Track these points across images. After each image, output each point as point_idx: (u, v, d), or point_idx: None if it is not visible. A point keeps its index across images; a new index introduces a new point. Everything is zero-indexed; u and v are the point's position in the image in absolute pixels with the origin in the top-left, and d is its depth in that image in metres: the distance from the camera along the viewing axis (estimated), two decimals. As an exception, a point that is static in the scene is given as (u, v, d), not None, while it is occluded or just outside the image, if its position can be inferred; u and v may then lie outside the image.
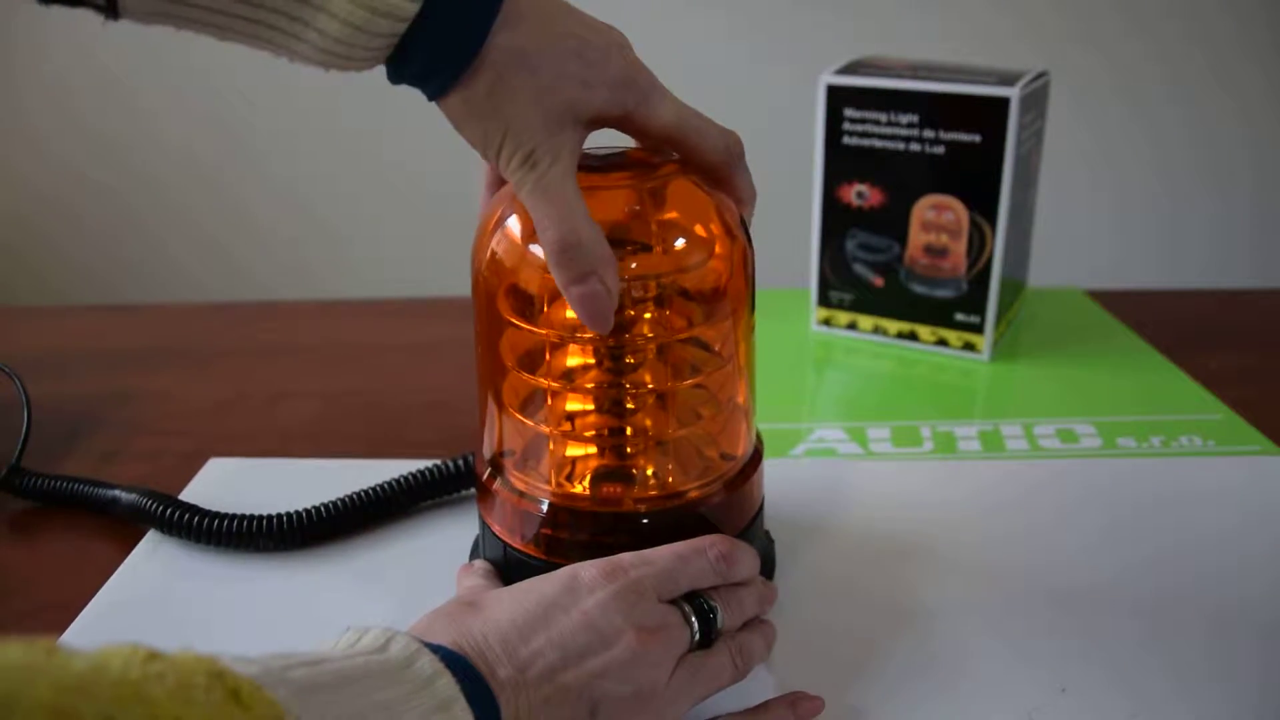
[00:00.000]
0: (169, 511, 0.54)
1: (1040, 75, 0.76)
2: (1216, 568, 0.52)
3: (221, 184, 1.59)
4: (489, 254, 0.45)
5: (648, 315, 0.46)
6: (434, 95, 0.41)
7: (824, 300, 0.82)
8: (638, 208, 0.45)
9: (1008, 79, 0.72)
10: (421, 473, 0.57)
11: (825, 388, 0.78)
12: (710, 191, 0.46)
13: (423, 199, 1.57)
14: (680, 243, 0.46)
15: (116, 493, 0.56)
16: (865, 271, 0.80)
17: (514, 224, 0.45)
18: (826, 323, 0.83)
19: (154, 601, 0.51)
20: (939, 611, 0.49)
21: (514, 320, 0.45)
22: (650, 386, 0.47)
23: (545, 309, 0.46)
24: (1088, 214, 1.52)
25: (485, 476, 0.48)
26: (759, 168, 0.47)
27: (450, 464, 0.58)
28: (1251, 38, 1.45)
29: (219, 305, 0.92)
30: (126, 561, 0.53)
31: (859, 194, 0.78)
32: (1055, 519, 0.57)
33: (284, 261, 1.63)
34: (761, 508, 0.50)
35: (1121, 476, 0.61)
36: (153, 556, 0.54)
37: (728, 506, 0.47)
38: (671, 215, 0.46)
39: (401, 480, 0.57)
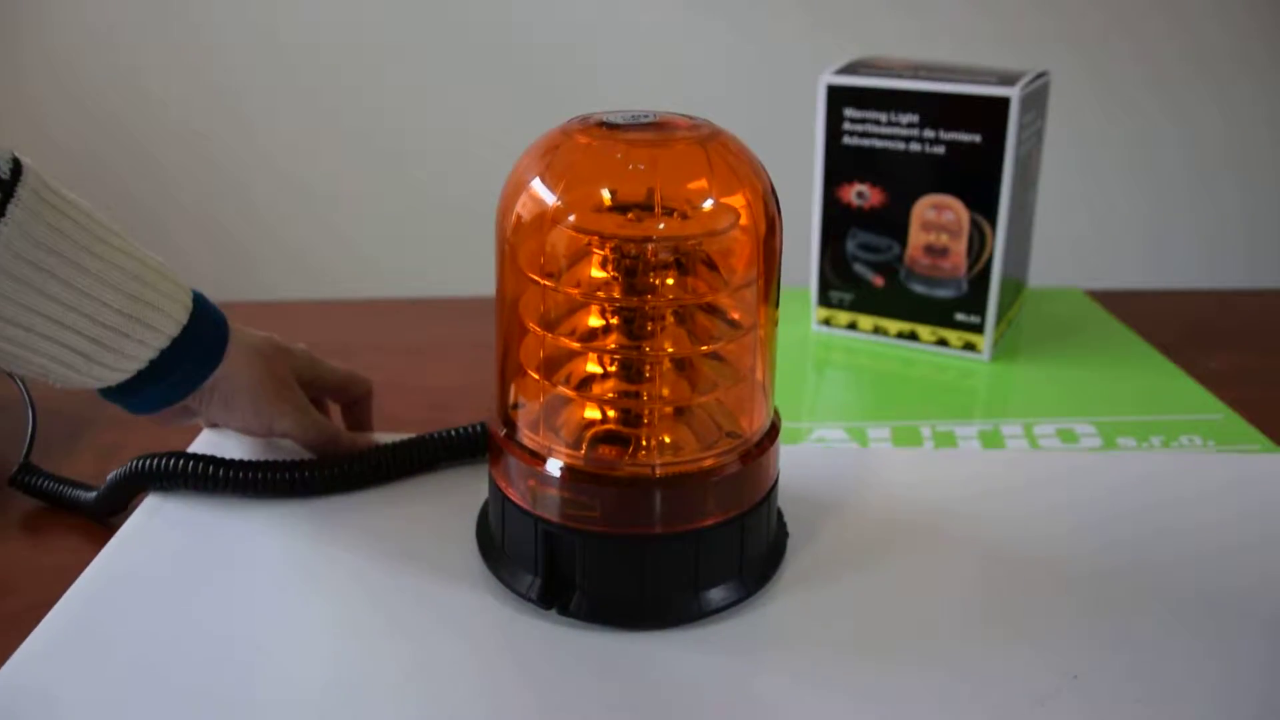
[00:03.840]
0: (178, 463, 0.55)
1: (1040, 75, 0.76)
2: (1222, 561, 0.52)
3: (222, 185, 1.59)
4: (515, 216, 0.46)
5: (670, 280, 0.46)
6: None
7: (824, 300, 0.82)
8: (663, 171, 0.45)
9: (1008, 79, 0.72)
10: (436, 435, 0.58)
11: (825, 388, 0.78)
12: (742, 158, 0.46)
13: (423, 199, 1.57)
14: (706, 208, 0.46)
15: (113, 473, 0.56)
16: (865, 271, 0.80)
17: (539, 186, 0.45)
18: (826, 323, 0.83)
19: (157, 560, 0.51)
20: (950, 596, 0.49)
21: (536, 278, 0.46)
22: (668, 352, 0.47)
23: (568, 269, 0.46)
24: (1088, 214, 1.52)
25: (498, 437, 0.48)
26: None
27: (465, 429, 0.58)
28: (1267, 37, 1.45)
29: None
30: (126, 524, 0.54)
31: (859, 194, 0.78)
32: (1066, 509, 0.57)
33: (284, 260, 1.63)
34: (775, 484, 0.50)
35: (1129, 469, 0.61)
36: (153, 519, 0.54)
37: (741, 479, 0.47)
38: (699, 180, 0.45)
39: (415, 440, 0.58)
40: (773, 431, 0.50)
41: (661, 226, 0.45)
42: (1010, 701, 0.43)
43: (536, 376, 0.47)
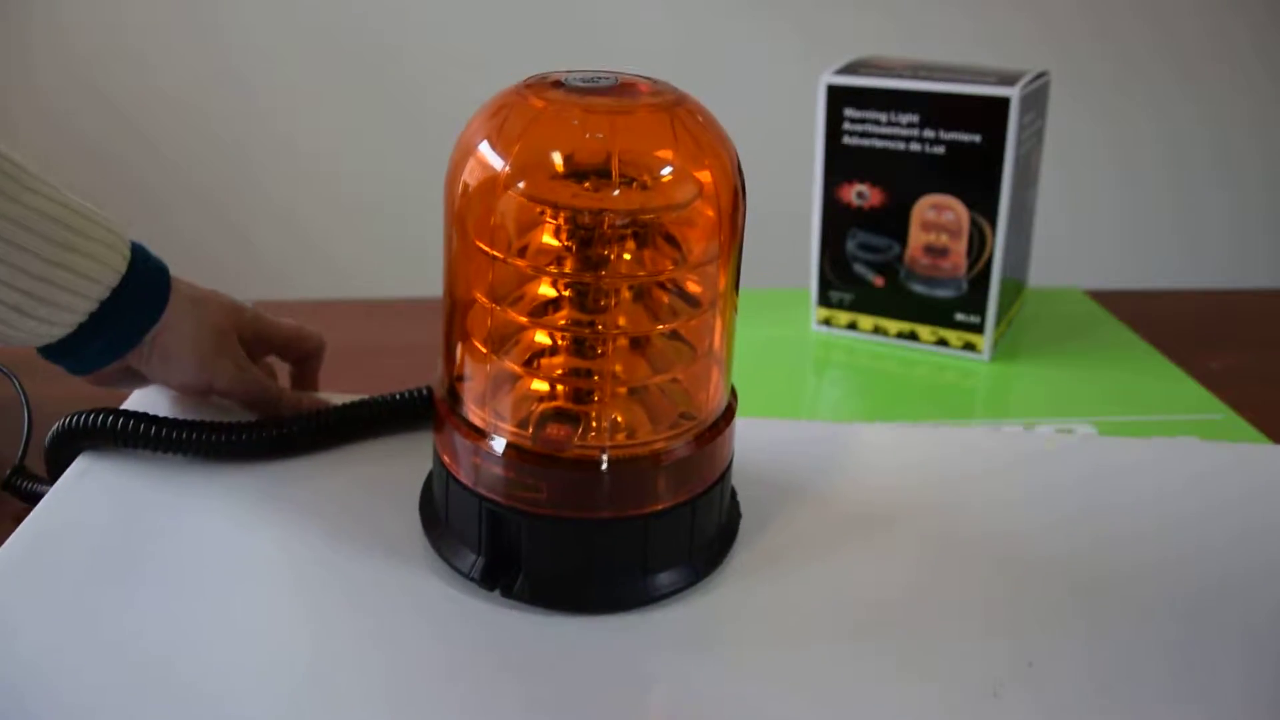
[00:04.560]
0: (107, 420, 0.52)
1: (1040, 75, 0.76)
2: (1195, 550, 0.51)
3: (236, 177, 1.59)
4: (462, 184, 0.43)
5: (626, 256, 0.43)
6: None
7: (824, 300, 0.82)
8: (624, 137, 0.42)
9: (1008, 79, 0.72)
10: (382, 398, 0.56)
11: (825, 388, 0.78)
12: (708, 127, 0.44)
13: (424, 199, 1.57)
14: (668, 180, 0.43)
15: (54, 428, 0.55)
16: (865, 271, 0.80)
17: (488, 150, 0.42)
18: (826, 323, 0.83)
19: (83, 527, 0.49)
20: (905, 580, 0.48)
21: (484, 247, 0.43)
22: (621, 329, 0.44)
23: (518, 240, 0.43)
24: (1088, 214, 1.52)
25: (442, 409, 0.46)
26: (760, 168, 0.47)
27: (413, 393, 0.57)
28: (1259, 36, 1.45)
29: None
30: (56, 486, 0.52)
31: (859, 194, 0.78)
32: (1034, 492, 0.55)
33: (298, 254, 1.63)
34: (729, 466, 0.48)
35: (1108, 455, 0.60)
36: (83, 479, 0.52)
37: (695, 462, 0.45)
38: (662, 150, 0.42)
39: (360, 404, 0.56)
40: (728, 413, 0.47)
41: (616, 194, 0.42)
42: (965, 689, 0.41)
43: (483, 349, 0.44)
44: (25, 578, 0.46)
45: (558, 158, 0.42)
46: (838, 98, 0.76)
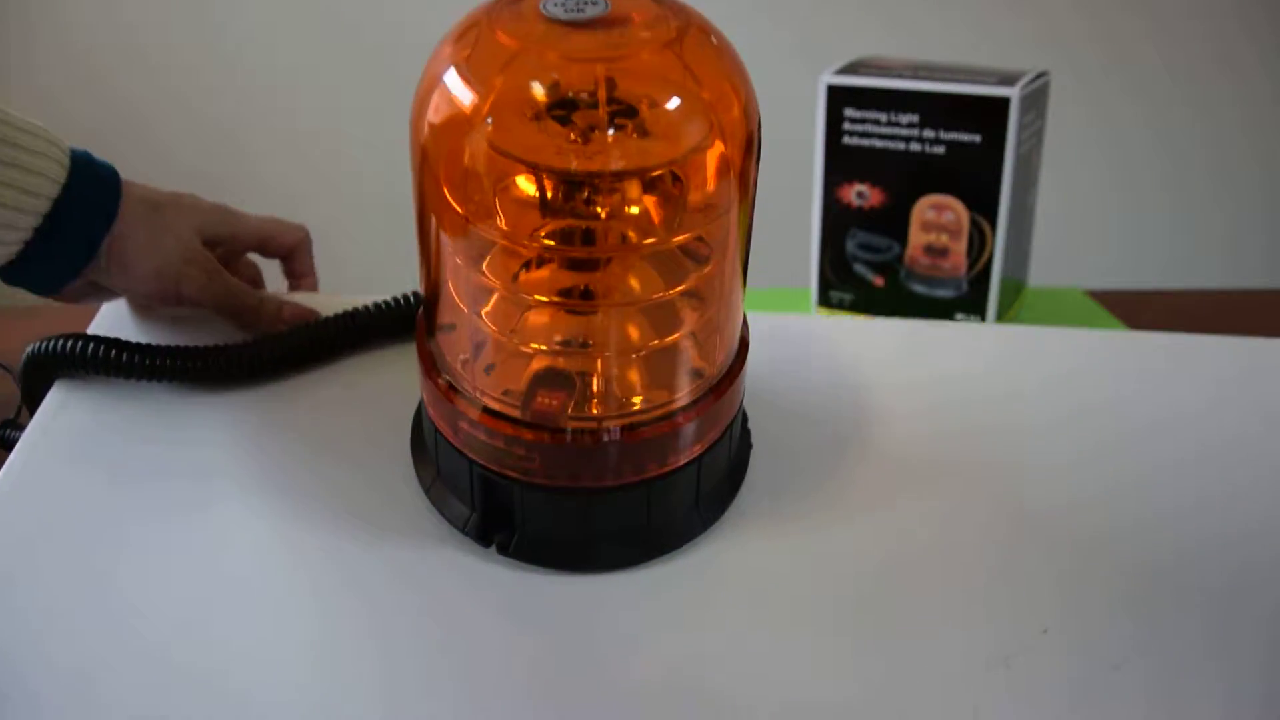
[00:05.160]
0: (71, 346, 0.49)
1: (1040, 75, 0.76)
2: (1218, 494, 0.46)
3: (240, 175, 1.59)
4: (427, 125, 0.37)
5: (633, 209, 0.37)
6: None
7: (824, 300, 0.82)
8: (619, 86, 0.36)
9: (1008, 79, 0.72)
10: (370, 307, 0.52)
11: (825, 388, 0.78)
12: (722, 56, 0.38)
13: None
14: (674, 123, 0.37)
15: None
16: (865, 271, 0.80)
17: (453, 89, 0.35)
18: (826, 323, 0.83)
19: (66, 464, 0.47)
20: (916, 531, 0.44)
21: (455, 205, 0.37)
22: (621, 295, 0.39)
23: (496, 193, 0.36)
24: (1089, 214, 1.52)
25: (425, 366, 0.42)
26: (760, 167, 0.46)
27: (406, 298, 0.52)
28: (1258, 37, 1.45)
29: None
30: (32, 424, 0.49)
31: (859, 194, 0.78)
32: (1058, 416, 0.50)
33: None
34: (741, 404, 0.44)
35: (1147, 375, 0.53)
36: (64, 409, 0.49)
37: (704, 420, 0.41)
38: (666, 96, 0.36)
39: (347, 315, 0.52)
40: (742, 349, 0.42)
41: (611, 137, 0.35)
42: (975, 659, 0.38)
43: (464, 308, 0.39)
44: (10, 529, 0.44)
45: (538, 101, 0.35)
46: (838, 98, 0.76)
